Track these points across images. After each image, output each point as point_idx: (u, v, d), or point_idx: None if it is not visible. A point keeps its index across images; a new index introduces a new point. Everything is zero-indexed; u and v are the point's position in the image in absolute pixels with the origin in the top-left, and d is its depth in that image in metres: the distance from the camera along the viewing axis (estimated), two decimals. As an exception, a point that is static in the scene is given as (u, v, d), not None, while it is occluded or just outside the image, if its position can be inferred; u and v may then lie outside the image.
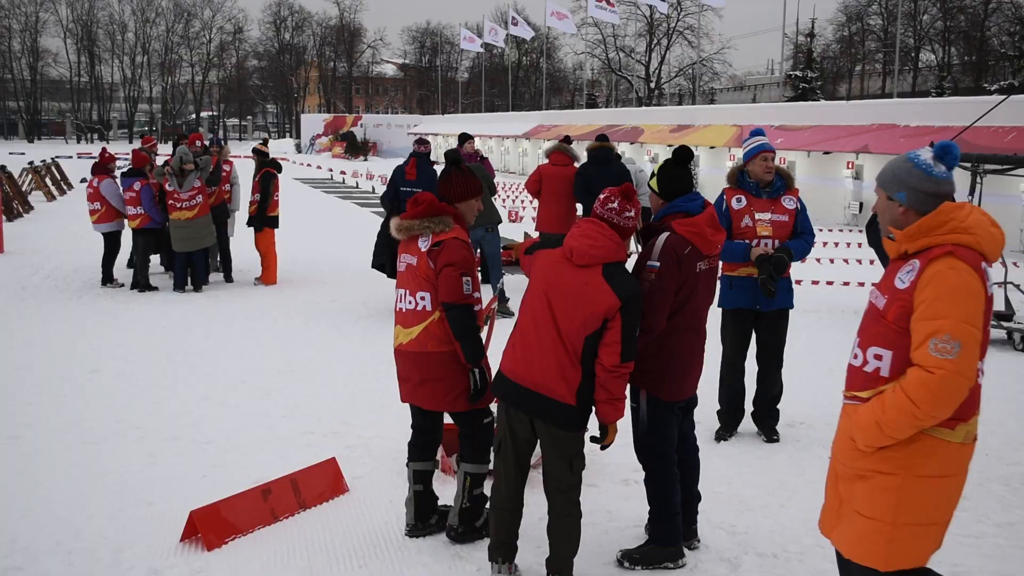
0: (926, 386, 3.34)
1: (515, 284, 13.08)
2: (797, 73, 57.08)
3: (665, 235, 4.93)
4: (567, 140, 13.72)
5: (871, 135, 24.66)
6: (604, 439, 4.79)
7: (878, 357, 3.59)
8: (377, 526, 5.63)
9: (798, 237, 7.16)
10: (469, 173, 5.48)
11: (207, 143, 15.05)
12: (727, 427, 7.42)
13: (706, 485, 6.05)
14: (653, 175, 5.25)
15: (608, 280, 4.56)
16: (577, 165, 12.86)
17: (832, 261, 16.58)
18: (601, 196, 4.83)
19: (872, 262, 15.02)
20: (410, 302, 5.25)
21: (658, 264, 4.85)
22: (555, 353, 4.60)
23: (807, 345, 10.28)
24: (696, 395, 5.42)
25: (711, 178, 33.24)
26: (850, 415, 3.70)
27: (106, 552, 5.31)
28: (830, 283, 14.40)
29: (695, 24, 74.49)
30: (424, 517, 5.52)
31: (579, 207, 12.84)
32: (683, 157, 5.24)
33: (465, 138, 13.38)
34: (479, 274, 5.48)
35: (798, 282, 12.70)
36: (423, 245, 5.17)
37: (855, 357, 3.71)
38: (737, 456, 6.97)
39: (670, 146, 35.56)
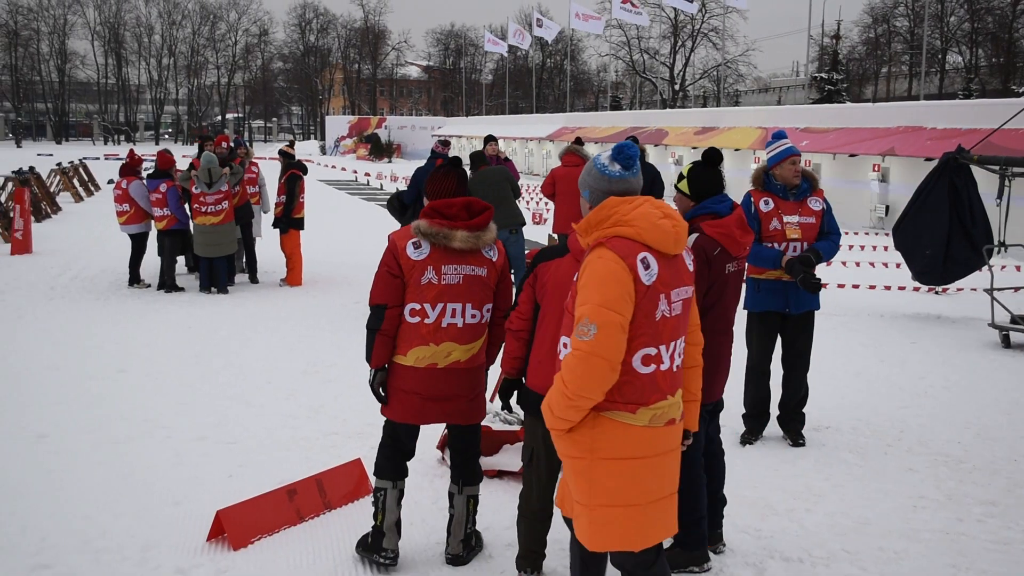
0: (570, 366, 3.57)
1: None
2: (822, 75, 56.75)
3: (694, 236, 4.94)
4: (579, 141, 13.80)
5: (897, 138, 24.50)
6: None
7: (565, 345, 3.81)
8: (402, 527, 5.63)
9: (824, 238, 7.14)
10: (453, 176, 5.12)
11: (232, 144, 15.13)
12: (752, 431, 7.39)
13: (731, 489, 6.04)
14: (681, 177, 5.25)
15: None
16: None
17: (858, 264, 16.48)
18: None
19: (899, 265, 14.92)
20: (473, 316, 4.92)
21: None
22: None
23: (833, 349, 10.23)
24: (722, 398, 5.41)
25: (736, 180, 33.05)
26: None
27: (133, 551, 5.35)
28: (856, 286, 14.32)
29: (720, 26, 74.43)
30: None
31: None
32: (713, 158, 5.24)
33: (489, 139, 13.42)
34: None
35: (824, 285, 12.65)
36: (492, 255, 4.99)
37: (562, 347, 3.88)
38: (762, 460, 6.94)
39: (694, 148, 35.49)
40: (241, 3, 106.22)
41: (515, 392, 4.91)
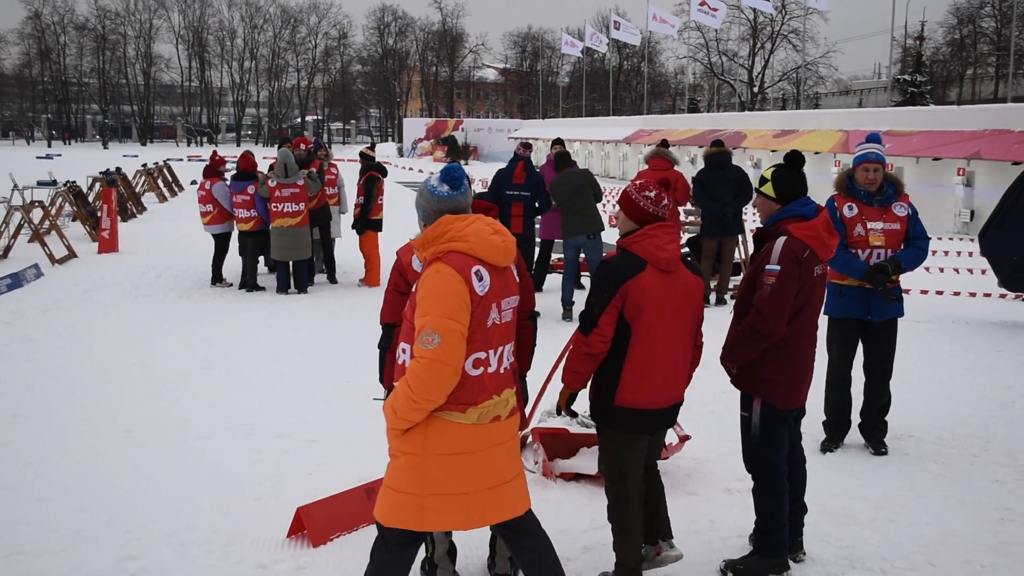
0: (415, 372, 3.84)
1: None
2: (905, 77, 55.81)
3: (783, 239, 4.94)
4: (664, 144, 13.69)
5: (983, 141, 23.96)
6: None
7: (404, 351, 4.10)
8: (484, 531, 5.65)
9: (910, 244, 7.00)
10: None
11: (312, 146, 15.30)
12: (833, 438, 7.28)
13: (812, 497, 5.97)
14: (764, 180, 5.22)
15: (689, 269, 4.78)
16: (677, 169, 12.83)
17: (942, 270, 16.14)
18: (650, 194, 4.71)
19: (984, 272, 14.59)
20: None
21: (778, 268, 4.88)
22: (684, 360, 4.82)
23: (916, 356, 10.03)
24: (805, 405, 5.35)
25: (815, 184, 32.56)
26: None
27: (216, 545, 5.46)
28: (940, 292, 14.03)
29: (800, 27, 73.37)
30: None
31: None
32: (797, 161, 5.21)
33: (556, 143, 13.35)
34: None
35: (906, 291, 12.41)
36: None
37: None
38: (843, 468, 6.84)
39: (773, 151, 35.07)
40: (321, 7, 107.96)
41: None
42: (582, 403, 7.15)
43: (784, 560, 5.11)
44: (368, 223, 14.00)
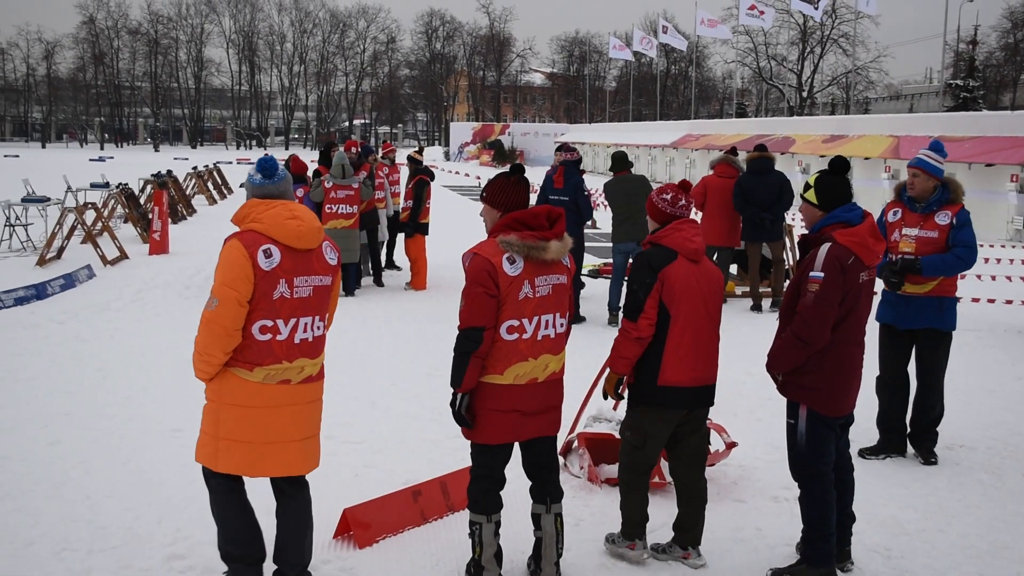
0: (199, 330, 4.53)
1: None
2: (958, 82, 55.14)
3: (827, 245, 4.92)
4: (733, 151, 13.64)
5: (1038, 147, 23.61)
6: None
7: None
8: (524, 530, 5.64)
9: (948, 252, 6.87)
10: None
11: (360, 150, 15.35)
12: (883, 447, 7.19)
13: (860, 506, 5.91)
14: (808, 187, 5.19)
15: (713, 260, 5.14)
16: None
17: (994, 278, 15.88)
18: (666, 196, 5.27)
19: (1038, 279, 14.36)
20: (561, 324, 4.90)
21: (822, 275, 4.87)
22: (714, 342, 5.21)
23: (967, 364, 9.88)
24: (853, 412, 5.29)
25: (865, 190, 32.33)
26: None
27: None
28: (991, 301, 13.82)
29: (850, 32, 72.66)
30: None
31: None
32: (840, 166, 5.19)
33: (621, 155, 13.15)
34: None
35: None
36: (567, 262, 4.94)
37: None
38: (892, 477, 6.76)
39: (822, 156, 34.75)
40: (370, 11, 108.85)
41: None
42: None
43: (832, 570, 5.06)
44: (417, 226, 14.07)
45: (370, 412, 8.10)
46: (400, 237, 15.08)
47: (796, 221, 22.72)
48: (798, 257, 5.23)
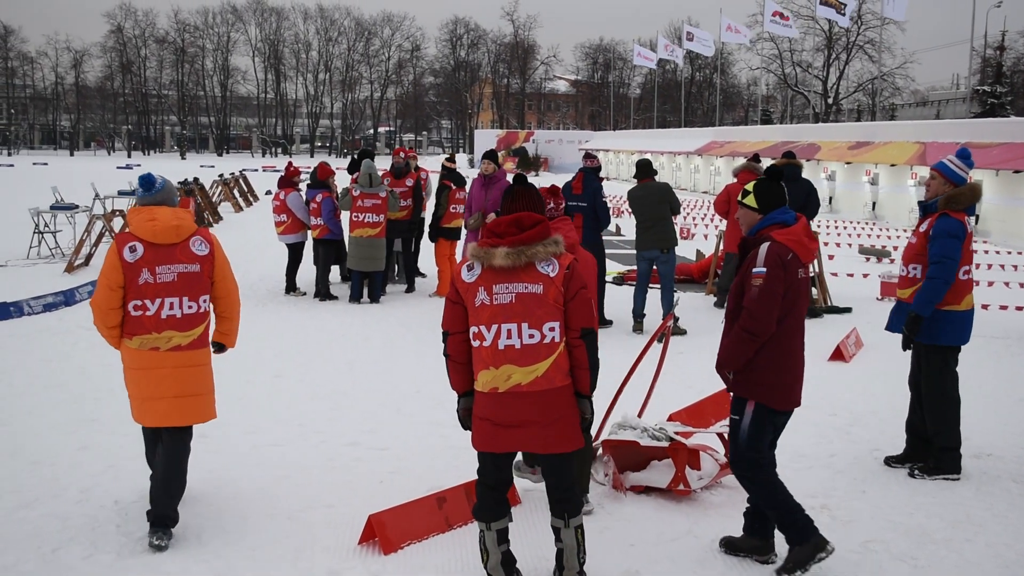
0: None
1: (688, 302, 12.98)
2: (985, 88, 54.76)
3: (767, 244, 5.20)
4: (756, 158, 13.60)
5: (1067, 153, 23.41)
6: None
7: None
8: (548, 535, 5.64)
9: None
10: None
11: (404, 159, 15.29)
12: (906, 455, 7.10)
13: (885, 514, 5.90)
14: (746, 193, 5.46)
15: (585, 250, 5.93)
16: None
17: (1022, 285, 15.77)
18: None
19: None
20: (532, 336, 4.69)
21: (764, 270, 5.12)
22: None
23: (995, 373, 9.78)
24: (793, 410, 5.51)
25: (891, 197, 32.15)
26: None
27: (288, 550, 5.53)
28: (1020, 308, 13.71)
29: (876, 38, 72.30)
30: None
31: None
32: (777, 173, 5.50)
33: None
34: None
35: (984, 307, 12.17)
36: (549, 270, 4.72)
37: None
38: (918, 486, 6.70)
39: (848, 163, 34.61)
40: (395, 19, 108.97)
41: None
42: (655, 415, 7.13)
43: (817, 536, 5.17)
44: (440, 231, 14.12)
45: (395, 418, 8.12)
46: (424, 243, 15.14)
47: (822, 228, 22.61)
48: (820, 266, 5.26)
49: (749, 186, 5.46)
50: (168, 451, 5.78)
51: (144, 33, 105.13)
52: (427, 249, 15.20)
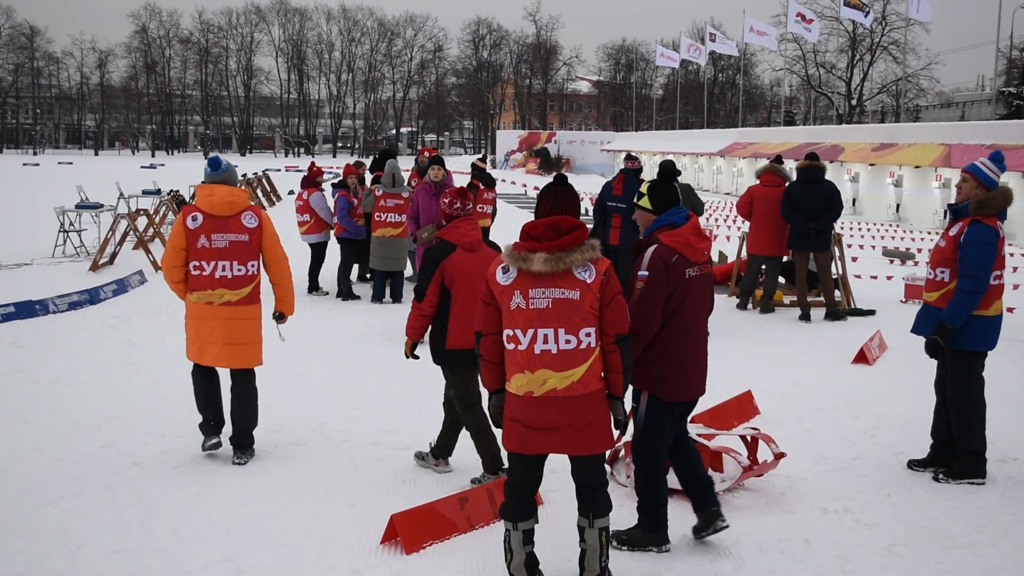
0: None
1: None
2: (1011, 89, 54.33)
3: (653, 247, 5.40)
4: (778, 160, 13.51)
5: (1094, 155, 23.20)
6: None
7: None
8: (570, 538, 5.63)
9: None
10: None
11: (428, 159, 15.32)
12: (929, 459, 7.03)
13: (910, 518, 5.87)
14: (641, 195, 5.59)
15: (489, 247, 6.61)
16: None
17: (1049, 289, 15.64)
18: (446, 200, 6.54)
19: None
20: (568, 341, 4.69)
21: (647, 273, 5.31)
22: None
23: (1020, 377, 9.66)
24: (697, 399, 5.70)
25: (915, 200, 31.98)
26: None
27: (311, 549, 5.55)
28: (1046, 311, 13.59)
29: (900, 39, 71.91)
30: None
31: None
32: (669, 174, 5.59)
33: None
34: None
35: (1010, 310, 12.07)
36: (587, 276, 4.71)
37: None
38: (942, 490, 6.64)
39: (872, 165, 34.45)
40: (417, 20, 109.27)
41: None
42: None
43: (664, 535, 5.53)
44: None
45: (417, 419, 8.13)
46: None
47: (845, 230, 22.53)
48: (843, 268, 5.27)
49: (644, 187, 5.63)
50: (239, 391, 7.08)
51: (168, 33, 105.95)
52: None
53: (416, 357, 6.79)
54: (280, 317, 7.34)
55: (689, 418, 7.10)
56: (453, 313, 6.37)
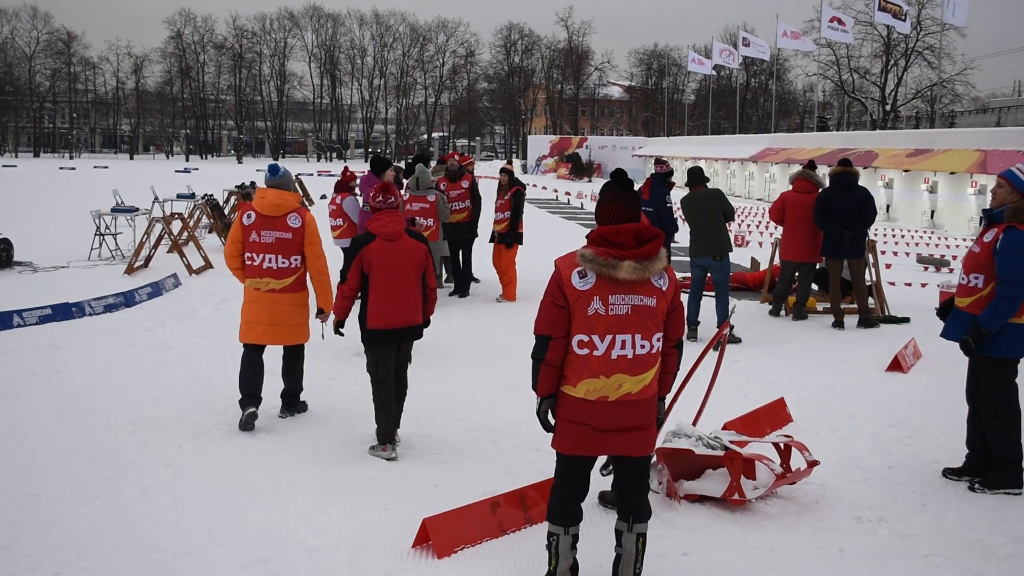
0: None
1: (743, 310, 12.88)
2: (1048, 95, 53.64)
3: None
4: (811, 166, 13.44)
5: None
6: None
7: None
8: (603, 545, 5.63)
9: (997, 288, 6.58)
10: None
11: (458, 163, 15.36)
12: (964, 468, 6.97)
13: (946, 528, 5.82)
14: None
15: (412, 237, 7.41)
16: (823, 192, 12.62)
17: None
18: (371, 193, 7.41)
19: None
20: (643, 346, 4.76)
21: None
22: (412, 298, 7.45)
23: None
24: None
25: (950, 206, 31.70)
26: None
27: (344, 552, 5.57)
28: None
29: (936, 44, 71.34)
30: None
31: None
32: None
33: (696, 170, 13.05)
34: None
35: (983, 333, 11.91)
36: (662, 284, 4.80)
37: None
38: (978, 500, 6.58)
39: (906, 171, 34.18)
40: (449, 25, 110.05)
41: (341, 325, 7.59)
42: (710, 423, 7.08)
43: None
44: (515, 237, 14.15)
45: (448, 423, 8.15)
46: (475, 247, 15.10)
47: (879, 237, 22.37)
48: (877, 275, 5.20)
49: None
50: (288, 362, 8.32)
51: (203, 39, 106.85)
52: (478, 253, 15.22)
53: (341, 334, 7.77)
54: (320, 313, 8.12)
55: (722, 425, 7.10)
56: (371, 296, 7.19)
